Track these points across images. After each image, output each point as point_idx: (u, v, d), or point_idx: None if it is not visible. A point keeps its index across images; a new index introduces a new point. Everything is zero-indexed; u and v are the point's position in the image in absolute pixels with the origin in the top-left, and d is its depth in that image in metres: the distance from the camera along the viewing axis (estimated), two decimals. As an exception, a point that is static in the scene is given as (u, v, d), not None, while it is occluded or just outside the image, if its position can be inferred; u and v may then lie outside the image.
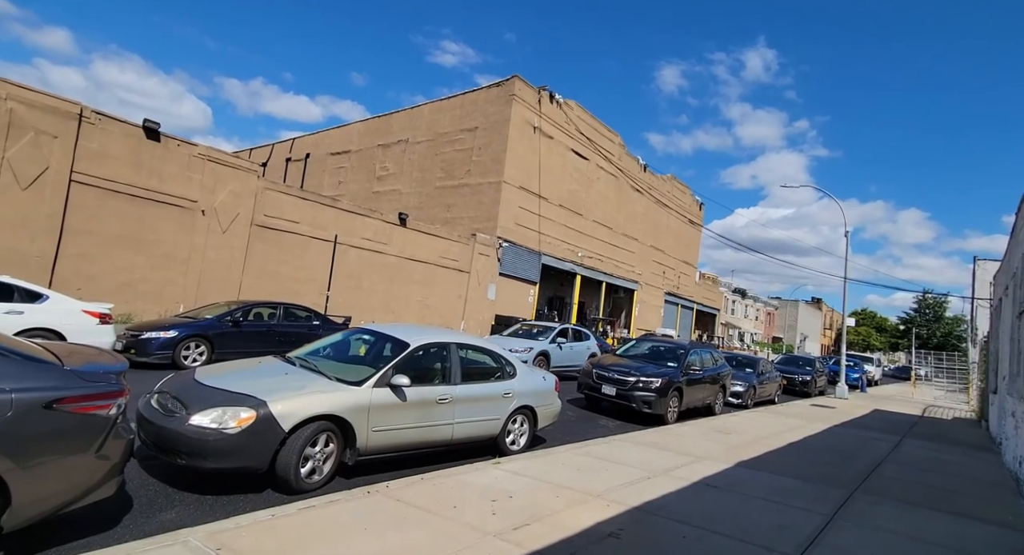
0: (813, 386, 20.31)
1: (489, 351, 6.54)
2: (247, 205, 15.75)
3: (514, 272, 27.24)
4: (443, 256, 23.19)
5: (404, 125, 31.22)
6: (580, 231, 31.83)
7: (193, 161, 14.46)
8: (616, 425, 9.71)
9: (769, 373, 16.40)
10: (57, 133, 11.84)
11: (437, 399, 5.47)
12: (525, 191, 27.32)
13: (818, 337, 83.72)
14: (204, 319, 9.63)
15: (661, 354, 11.60)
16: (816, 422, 12.24)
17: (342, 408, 4.59)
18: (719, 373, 12.27)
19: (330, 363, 5.48)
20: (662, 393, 9.99)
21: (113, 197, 13.00)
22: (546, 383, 7.15)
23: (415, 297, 22.09)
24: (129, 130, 13.19)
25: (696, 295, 47.66)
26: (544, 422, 7.12)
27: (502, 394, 6.30)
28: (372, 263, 20.09)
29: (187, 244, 14.49)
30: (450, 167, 28.42)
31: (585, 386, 10.67)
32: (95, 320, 7.89)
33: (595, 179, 32.85)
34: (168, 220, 14.06)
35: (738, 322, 62.05)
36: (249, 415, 4.07)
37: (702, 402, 11.65)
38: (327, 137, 36.20)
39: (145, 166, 13.52)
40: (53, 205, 11.93)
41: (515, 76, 26.58)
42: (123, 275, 13.31)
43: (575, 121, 30.69)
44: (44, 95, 11.64)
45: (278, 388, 4.45)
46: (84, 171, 12.37)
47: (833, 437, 10.57)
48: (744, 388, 14.28)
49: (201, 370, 4.99)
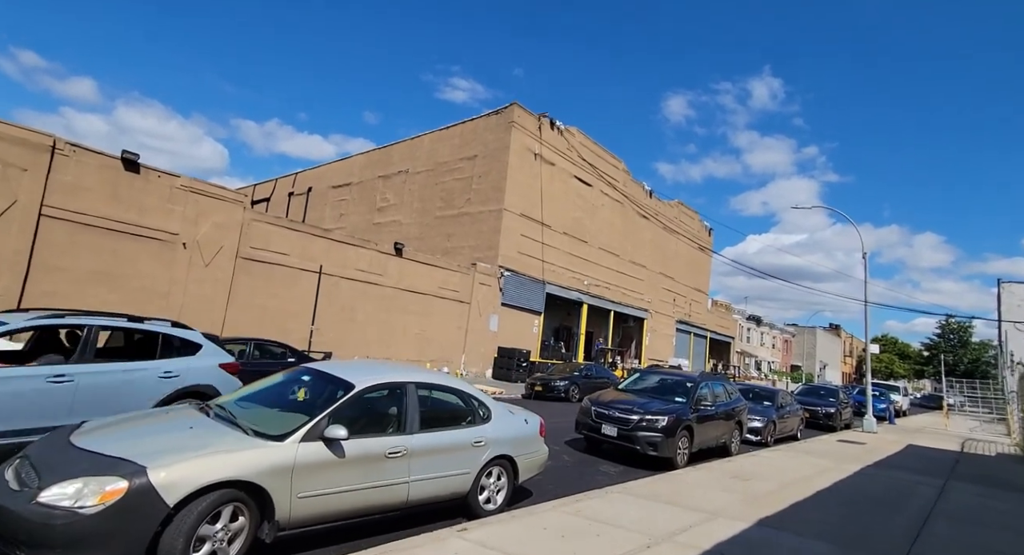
0: (838, 419, 18.88)
1: (456, 390, 5.61)
2: (232, 237, 15.16)
3: (517, 302, 26.33)
4: (442, 286, 22.40)
5: (404, 156, 31.02)
6: (585, 259, 31.00)
7: (175, 192, 13.97)
8: (619, 471, 8.62)
9: (789, 406, 15.13)
10: (27, 166, 11.38)
11: (387, 452, 4.53)
12: (527, 218, 26.68)
13: (839, 365, 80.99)
14: (161, 358, 8.79)
15: (668, 388, 10.52)
16: (846, 462, 10.98)
17: (254, 471, 3.67)
18: (734, 408, 11.13)
19: (257, 412, 4.58)
20: (669, 433, 8.90)
21: (86, 231, 12.44)
22: (528, 427, 6.16)
23: (412, 329, 21.22)
24: (106, 162, 12.73)
25: (709, 323, 46.25)
26: (528, 473, 6.10)
27: (472, 442, 5.33)
28: (366, 295, 19.33)
29: (167, 278, 13.85)
30: (450, 196, 27.96)
31: (583, 426, 9.60)
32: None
33: (600, 205, 32.21)
34: (146, 254, 13.46)
35: (754, 350, 60.13)
36: (118, 487, 3.16)
37: (716, 441, 10.48)
38: (329, 170, 36.17)
39: (123, 198, 13.02)
40: (20, 241, 11.36)
41: (514, 103, 26.30)
42: (96, 312, 12.61)
43: (577, 147, 30.27)
44: (14, 127, 11.23)
45: (169, 448, 3.55)
46: (56, 205, 11.86)
47: (868, 481, 9.33)
48: (763, 424, 13.06)
49: (89, 425, 4.10)
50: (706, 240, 46.33)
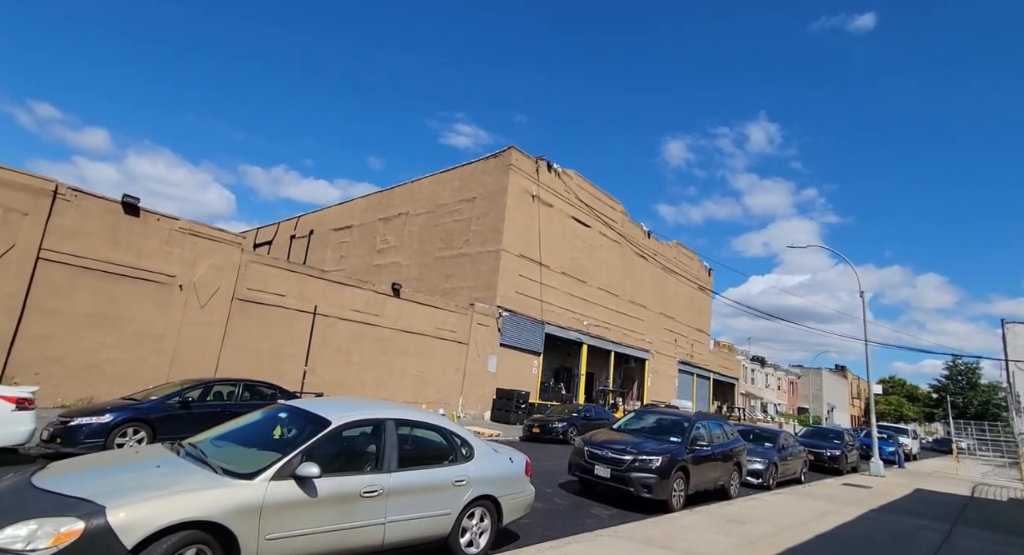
0: (844, 462, 18.37)
1: (438, 427, 5.52)
2: (229, 279, 15.27)
3: (516, 342, 26.16)
4: (440, 327, 22.33)
5: (405, 198, 31.59)
6: (585, 299, 31.00)
7: (174, 235, 14.18)
8: (611, 514, 8.35)
9: (792, 448, 14.77)
10: (28, 210, 11.63)
11: (362, 492, 4.42)
12: (525, 259, 26.87)
13: (846, 407, 79.40)
14: (148, 401, 8.71)
15: (663, 428, 10.31)
16: (849, 506, 10.62)
17: (220, 511, 3.59)
18: (732, 449, 10.87)
19: (229, 450, 4.51)
20: (664, 474, 8.67)
21: (84, 274, 12.56)
22: (513, 466, 6.03)
23: (410, 370, 21.02)
24: (107, 205, 13.01)
25: (712, 364, 45.71)
26: (513, 515, 5.93)
27: (453, 482, 5.21)
28: (363, 336, 19.26)
29: (161, 321, 13.86)
30: (449, 237, 28.28)
31: (576, 467, 9.37)
32: (10, 406, 7.01)
33: (598, 246, 32.48)
34: (142, 296, 13.53)
35: (759, 392, 59.11)
36: (73, 528, 3.08)
37: (714, 484, 10.19)
38: (330, 213, 36.76)
39: (122, 242, 13.21)
40: (16, 284, 11.46)
41: (511, 147, 26.98)
42: (88, 356, 12.59)
43: (574, 189, 30.82)
44: (17, 173, 11.55)
45: (131, 487, 3.49)
46: (54, 248, 12.03)
47: (871, 526, 9.01)
48: (764, 466, 12.72)
49: (56, 465, 4.04)
50: (706, 280, 46.40)
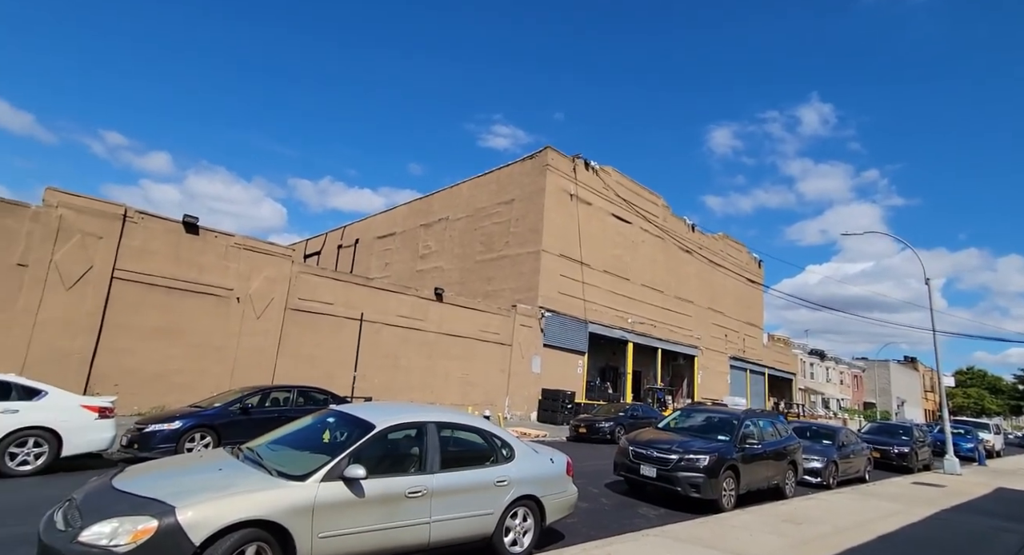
0: (913, 459, 17.38)
1: (478, 429, 5.66)
2: (281, 290, 16.02)
3: (560, 343, 26.14)
4: (483, 329, 22.61)
5: (444, 204, 32.13)
6: (628, 296, 30.63)
7: (230, 250, 15.01)
8: (659, 514, 8.26)
9: (853, 445, 14.13)
10: (102, 234, 12.61)
11: (407, 492, 4.61)
12: (566, 258, 26.82)
13: (919, 401, 74.86)
14: (212, 408, 9.30)
15: (711, 426, 10.11)
16: (918, 506, 10.09)
17: (276, 510, 3.84)
18: (785, 447, 10.52)
19: (283, 453, 4.79)
20: (712, 473, 8.51)
21: (152, 291, 13.50)
22: (555, 466, 6.10)
23: (455, 373, 21.38)
24: (170, 226, 13.92)
25: (766, 358, 44.15)
26: (556, 515, 5.99)
27: (495, 482, 5.33)
28: (408, 340, 19.75)
29: (222, 332, 14.70)
30: (489, 240, 28.58)
31: (622, 467, 9.33)
32: (94, 415, 7.67)
33: (640, 242, 32.03)
34: (204, 309, 14.39)
35: (820, 387, 56.59)
36: (148, 526, 3.39)
37: (767, 483, 9.91)
38: (374, 222, 37.81)
39: (184, 258, 14.11)
40: (94, 303, 12.45)
41: (548, 147, 27.02)
42: (159, 367, 13.51)
43: (613, 186, 30.52)
44: (91, 200, 12.54)
45: (197, 489, 3.78)
46: (126, 268, 13.00)
47: (941, 527, 8.54)
48: (822, 464, 12.24)
49: (132, 469, 4.42)
50: (756, 272, 44.89)
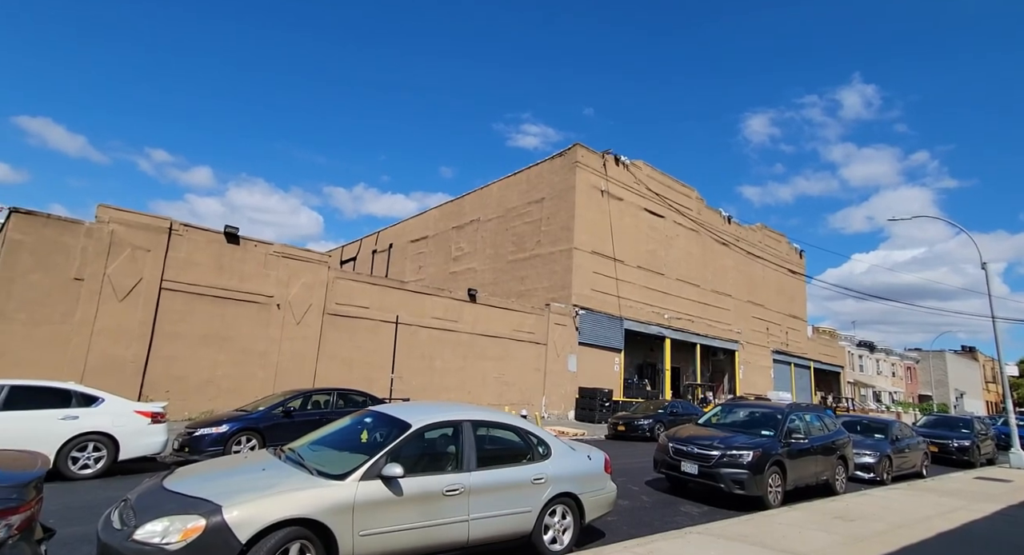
0: (975, 453, 16.49)
1: (514, 427, 5.65)
2: (319, 295, 16.41)
3: (595, 340, 25.92)
4: (517, 329, 22.62)
5: (475, 205, 32.31)
6: (664, 292, 30.14)
7: (269, 258, 15.47)
8: (702, 512, 8.08)
9: (908, 439, 13.50)
10: (150, 247, 13.19)
11: (444, 490, 4.64)
12: (599, 255, 26.58)
13: (979, 392, 71.02)
14: (256, 412, 9.60)
15: (753, 421, 9.82)
16: (981, 502, 9.56)
17: (317, 509, 3.93)
18: (833, 441, 10.13)
19: (323, 453, 4.90)
20: (757, 469, 8.27)
21: (198, 300, 14.04)
22: (592, 463, 6.04)
23: (491, 374, 21.46)
24: (212, 237, 14.45)
25: (811, 351, 42.69)
26: (595, 512, 5.93)
27: (532, 480, 5.31)
28: (443, 342, 19.93)
29: (264, 338, 15.16)
30: (520, 240, 28.58)
31: (662, 464, 9.16)
32: (146, 420, 8.03)
33: (674, 236, 31.47)
34: (246, 316, 14.88)
35: (870, 380, 54.35)
36: (197, 524, 3.52)
37: (815, 479, 9.56)
38: (407, 227, 38.34)
39: (226, 268, 14.62)
40: (145, 312, 13.04)
41: (577, 144, 26.84)
42: (206, 373, 14.04)
43: (644, 180, 30.08)
44: (139, 215, 13.14)
45: (242, 489, 3.90)
46: (173, 278, 13.56)
47: (1009, 524, 8.06)
48: (875, 459, 11.74)
49: (182, 470, 4.60)
50: (797, 263, 43.48)
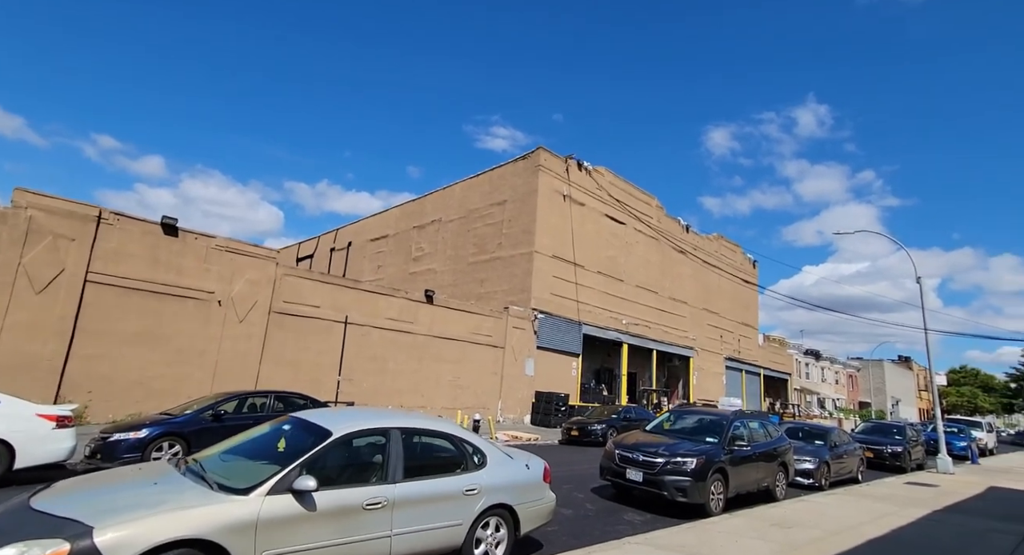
0: (906, 458, 17.16)
1: (448, 435, 5.37)
2: (265, 293, 15.71)
3: (553, 345, 25.88)
4: (475, 332, 22.33)
5: (437, 206, 31.87)
6: (623, 297, 30.40)
7: (211, 253, 14.70)
8: (645, 520, 7.99)
9: (846, 445, 13.90)
10: (75, 236, 12.29)
11: (364, 504, 4.33)
12: (559, 260, 26.58)
13: (913, 400, 74.88)
14: (182, 415, 8.99)
15: (699, 428, 9.86)
16: (910, 507, 9.85)
17: (212, 528, 3.55)
18: (775, 448, 10.27)
19: (233, 464, 4.50)
20: (699, 476, 8.25)
21: (129, 295, 13.18)
22: (530, 472, 5.82)
23: (446, 377, 21.09)
24: (147, 227, 13.61)
25: (761, 359, 43.97)
26: (532, 523, 5.71)
27: (464, 491, 5.05)
28: (398, 343, 19.45)
29: (203, 336, 14.38)
30: (482, 242, 28.32)
31: (608, 471, 9.05)
32: (50, 424, 7.32)
33: (634, 243, 31.83)
34: (184, 314, 14.07)
35: (815, 387, 56.45)
36: (60, 550, 3.06)
37: (757, 485, 9.65)
38: (367, 225, 37.51)
39: (163, 261, 13.79)
40: (66, 306, 12.12)
41: (540, 147, 26.80)
42: (136, 373, 13.18)
43: (606, 187, 30.31)
44: (63, 201, 12.23)
45: (123, 506, 3.48)
46: (100, 271, 12.67)
47: (933, 528, 8.29)
48: (814, 465, 12.00)
49: (60, 485, 4.11)
50: (751, 273, 44.75)
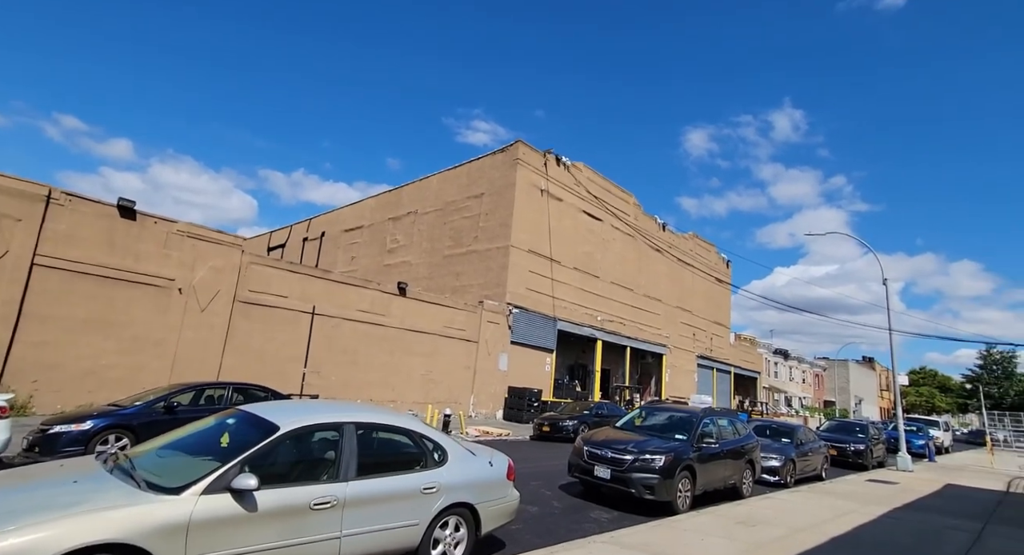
0: (868, 456, 17.54)
1: (407, 430, 5.13)
2: (229, 281, 15.15)
3: (528, 340, 25.73)
4: (448, 326, 22.02)
5: (414, 197, 31.38)
6: (598, 294, 30.42)
7: (172, 238, 14.09)
8: (612, 518, 7.88)
9: (812, 443, 14.09)
10: (21, 216, 11.60)
11: (312, 504, 4.06)
12: (535, 255, 26.41)
13: (875, 399, 77.20)
14: (132, 406, 8.52)
15: (668, 425, 9.81)
16: (871, 505, 9.98)
17: (136, 531, 3.24)
18: (743, 445, 10.29)
19: (171, 460, 4.19)
20: (667, 474, 8.18)
21: (80, 279, 12.52)
22: (493, 470, 5.62)
23: (418, 370, 20.75)
24: (102, 210, 12.95)
25: (732, 357, 44.65)
26: (494, 523, 5.51)
27: (421, 489, 4.82)
28: (369, 336, 19.04)
29: (161, 325, 13.79)
30: (458, 235, 27.98)
31: (575, 468, 8.92)
32: (-19, 415, 6.83)
33: (611, 240, 31.86)
34: (141, 301, 13.46)
35: (783, 386, 57.69)
36: None
37: (724, 483, 9.65)
38: (341, 215, 36.76)
39: (119, 245, 13.15)
40: (10, 291, 11.44)
41: (519, 141, 26.55)
42: (87, 362, 12.55)
43: (584, 183, 30.24)
44: (9, 178, 11.52)
45: (32, 508, 3.15)
46: (49, 254, 12.00)
47: (893, 526, 8.38)
48: (780, 462, 12.10)
49: None
50: (724, 272, 45.35)
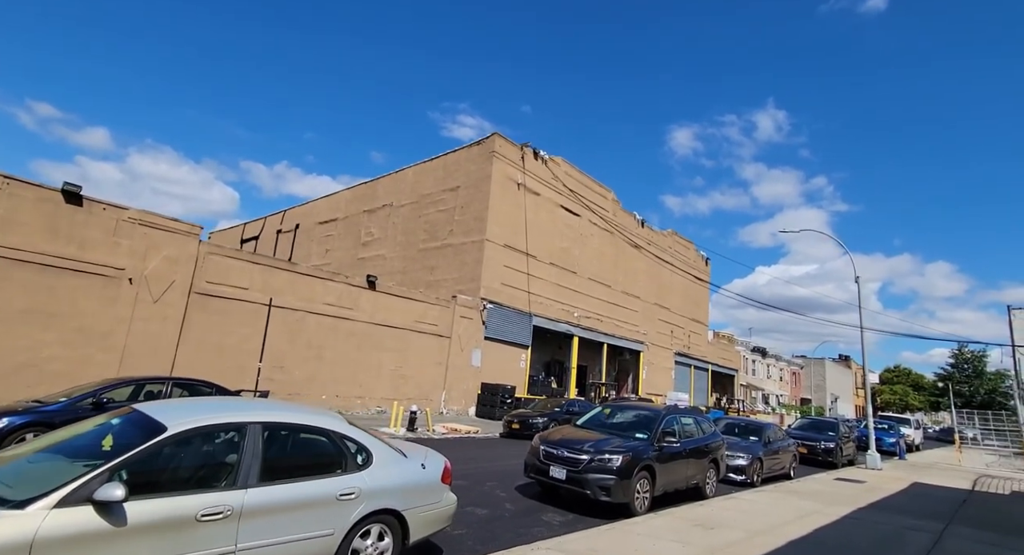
0: (838, 454, 17.51)
1: (324, 431, 4.69)
2: (185, 271, 14.51)
3: (502, 335, 25.37)
4: (419, 320, 21.54)
5: (389, 190, 30.77)
6: (575, 290, 30.16)
7: (122, 225, 13.42)
8: (566, 521, 7.53)
9: (780, 441, 13.93)
10: (-48, 198, 10.88)
11: (199, 515, 3.62)
12: (511, 249, 26.02)
13: (850, 397, 78.37)
14: (56, 403, 7.95)
15: (629, 424, 9.49)
16: (836, 505, 9.79)
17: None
18: (707, 444, 10.03)
19: (40, 466, 3.71)
20: (624, 474, 7.85)
21: (19, 267, 11.82)
22: (426, 473, 5.21)
23: (388, 366, 20.26)
24: (44, 194, 12.25)
25: (710, 355, 44.80)
26: (425, 530, 5.11)
27: (337, 495, 4.39)
28: (336, 330, 18.50)
29: (109, 316, 13.13)
30: (433, 228, 27.48)
31: (531, 468, 8.56)
32: None
33: (588, 235, 31.59)
34: (86, 291, 12.79)
35: (760, 383, 58.19)
36: None
37: (686, 483, 9.38)
38: (316, 207, 35.99)
39: (63, 232, 12.46)
40: (-61, 277, 10.75)
41: (495, 134, 26.09)
42: (26, 355, 11.87)
43: (562, 177, 29.90)
44: (-63, 158, 10.79)
45: None
46: (-17, 239, 11.30)
47: (854, 528, 8.17)
48: (747, 461, 11.89)
49: None
50: (703, 270, 45.41)
